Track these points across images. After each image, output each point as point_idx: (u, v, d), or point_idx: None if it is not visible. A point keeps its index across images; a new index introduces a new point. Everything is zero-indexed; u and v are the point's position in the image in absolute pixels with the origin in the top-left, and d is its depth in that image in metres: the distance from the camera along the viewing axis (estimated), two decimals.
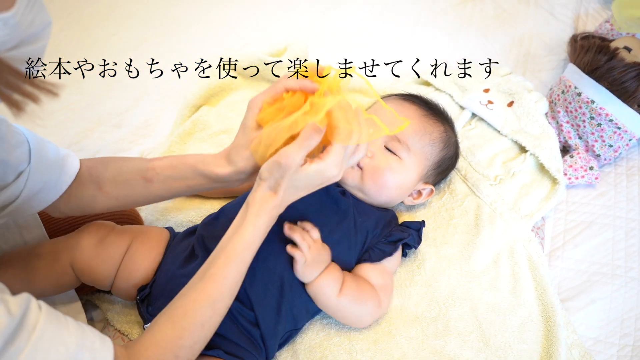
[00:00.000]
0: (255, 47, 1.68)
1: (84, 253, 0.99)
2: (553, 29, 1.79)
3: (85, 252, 0.99)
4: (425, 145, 1.14)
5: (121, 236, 1.03)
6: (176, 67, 1.64)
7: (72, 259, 0.99)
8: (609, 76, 1.33)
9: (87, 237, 1.00)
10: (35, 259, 0.99)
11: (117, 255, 1.01)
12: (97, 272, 1.01)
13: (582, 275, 1.22)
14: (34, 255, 0.99)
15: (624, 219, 1.31)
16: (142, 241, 1.04)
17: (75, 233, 1.02)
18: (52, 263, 0.99)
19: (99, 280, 1.02)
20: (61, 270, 1.00)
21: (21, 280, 0.98)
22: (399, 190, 1.14)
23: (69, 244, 1.00)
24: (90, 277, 1.02)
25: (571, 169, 1.34)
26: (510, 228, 1.21)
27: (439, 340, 1.06)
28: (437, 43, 1.76)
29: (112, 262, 1.01)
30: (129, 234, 1.04)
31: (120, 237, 1.02)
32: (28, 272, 0.98)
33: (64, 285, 1.03)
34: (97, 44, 1.72)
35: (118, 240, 1.02)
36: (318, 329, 1.07)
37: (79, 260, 0.99)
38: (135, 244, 1.03)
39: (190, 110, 1.50)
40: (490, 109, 1.39)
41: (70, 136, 1.46)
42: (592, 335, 1.13)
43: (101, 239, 1.01)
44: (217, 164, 0.93)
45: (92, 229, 1.02)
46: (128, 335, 1.10)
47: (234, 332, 0.95)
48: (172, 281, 0.98)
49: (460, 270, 1.15)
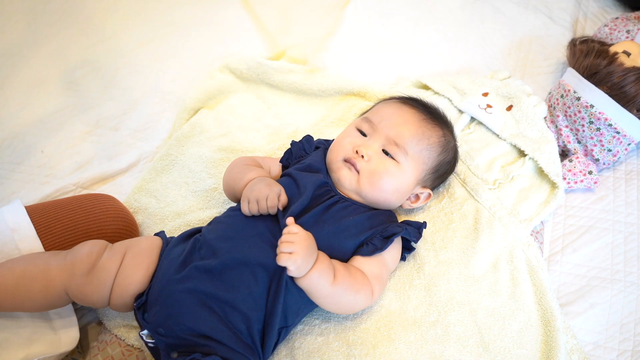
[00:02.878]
0: (255, 50, 1.68)
1: (76, 281, 0.98)
2: (552, 33, 1.79)
3: (78, 280, 0.98)
4: (422, 149, 1.14)
5: (112, 258, 1.01)
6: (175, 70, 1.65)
7: (66, 287, 0.99)
8: (608, 80, 1.33)
9: (78, 265, 0.99)
10: (29, 281, 0.97)
11: (109, 278, 0.99)
12: (91, 297, 1.00)
13: (581, 279, 1.22)
14: (27, 277, 0.97)
15: (622, 223, 1.30)
16: (133, 255, 1.02)
17: (69, 258, 1.00)
18: (46, 288, 0.98)
19: (94, 303, 1.02)
20: (56, 294, 0.99)
21: (12, 299, 0.97)
22: (396, 194, 1.13)
23: (63, 268, 0.99)
24: (85, 302, 1.02)
25: (570, 173, 1.34)
26: (509, 232, 1.21)
27: (438, 345, 1.05)
28: (437, 47, 1.76)
29: (105, 286, 0.99)
30: (119, 252, 1.02)
31: (110, 260, 1.01)
32: (21, 293, 0.97)
33: (58, 305, 1.03)
34: (95, 46, 1.71)
35: (109, 263, 1.00)
36: (317, 334, 1.07)
37: (73, 289, 0.99)
38: (127, 260, 1.01)
39: (188, 113, 1.50)
40: (489, 113, 1.39)
41: (67, 139, 1.45)
42: (591, 340, 1.13)
43: (93, 265, 0.99)
44: None
45: (84, 254, 1.00)
46: (125, 340, 1.10)
47: (230, 338, 0.95)
48: (167, 287, 0.97)
49: (459, 274, 1.14)
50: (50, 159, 1.41)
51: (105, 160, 1.42)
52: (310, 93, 1.52)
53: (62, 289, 0.99)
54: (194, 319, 0.95)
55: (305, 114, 1.50)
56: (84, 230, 1.09)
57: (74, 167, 1.40)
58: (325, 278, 0.96)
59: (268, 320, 0.97)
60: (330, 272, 0.97)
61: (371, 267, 1.04)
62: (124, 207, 1.21)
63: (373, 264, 1.05)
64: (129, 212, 1.21)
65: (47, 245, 1.06)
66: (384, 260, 1.07)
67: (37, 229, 1.06)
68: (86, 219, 1.10)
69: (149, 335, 0.98)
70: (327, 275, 0.96)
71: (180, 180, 1.33)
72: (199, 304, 0.95)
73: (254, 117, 1.48)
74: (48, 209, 1.10)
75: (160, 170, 1.36)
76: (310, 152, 1.22)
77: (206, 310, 0.95)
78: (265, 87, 1.54)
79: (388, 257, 1.08)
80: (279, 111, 1.49)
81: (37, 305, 1.00)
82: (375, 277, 1.04)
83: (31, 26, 1.77)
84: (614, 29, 1.61)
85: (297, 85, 1.52)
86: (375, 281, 1.03)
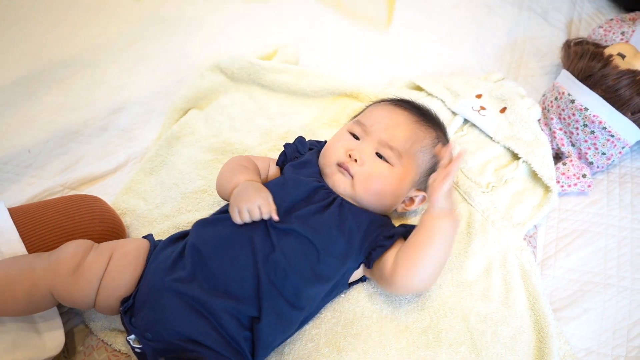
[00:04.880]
0: (246, 49, 1.66)
1: (62, 281, 0.96)
2: (546, 34, 1.78)
3: (63, 280, 0.96)
4: (416, 151, 1.13)
5: (98, 257, 0.99)
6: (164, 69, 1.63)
7: (51, 287, 0.97)
8: (602, 83, 1.32)
9: (64, 265, 0.97)
10: (13, 284, 0.95)
11: (96, 278, 0.98)
12: (77, 297, 0.98)
13: (574, 284, 1.21)
14: (10, 281, 0.95)
15: (616, 227, 1.30)
16: (120, 256, 1.01)
17: (54, 258, 0.98)
18: (30, 289, 0.96)
19: (80, 304, 1.00)
20: (41, 297, 0.97)
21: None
22: (391, 197, 1.12)
23: (48, 269, 0.97)
24: (71, 303, 1.00)
25: (564, 177, 1.33)
26: (502, 236, 1.20)
27: (429, 351, 1.04)
28: (430, 48, 1.75)
29: (91, 286, 0.98)
30: (106, 252, 1.01)
31: (97, 259, 0.99)
32: (5, 297, 0.95)
33: (43, 308, 1.01)
34: (84, 44, 1.69)
35: (95, 263, 0.98)
36: (307, 339, 1.05)
37: (58, 289, 0.97)
38: (113, 261, 1.00)
39: (178, 113, 1.48)
40: (482, 115, 1.38)
41: (55, 139, 1.43)
42: (584, 346, 1.12)
43: (78, 265, 0.97)
44: None
45: (69, 254, 0.98)
46: (112, 345, 1.08)
47: (219, 343, 0.93)
48: (155, 291, 0.96)
49: (451, 279, 1.13)
50: (37, 159, 1.39)
51: (93, 161, 1.39)
52: (303, 94, 1.51)
53: (47, 291, 0.97)
54: (183, 324, 0.93)
55: (297, 114, 1.48)
56: (68, 233, 1.06)
57: (61, 168, 1.38)
58: (456, 231, 1.02)
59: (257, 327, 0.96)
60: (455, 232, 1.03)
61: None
62: (111, 208, 1.19)
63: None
64: (115, 214, 1.19)
65: (31, 248, 1.03)
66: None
67: (20, 232, 1.03)
68: (71, 221, 1.08)
69: (136, 340, 0.96)
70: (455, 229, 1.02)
71: (170, 181, 1.31)
72: (188, 309, 0.94)
73: (245, 118, 1.46)
74: (32, 211, 1.08)
75: (149, 171, 1.34)
76: (304, 153, 1.20)
77: (195, 315, 0.93)
78: (257, 87, 1.52)
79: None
80: (271, 112, 1.47)
81: (21, 309, 0.98)
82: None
83: (19, 24, 1.75)
84: (608, 30, 1.61)
85: (289, 85, 1.50)
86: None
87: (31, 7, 1.80)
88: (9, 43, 1.69)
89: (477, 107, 1.39)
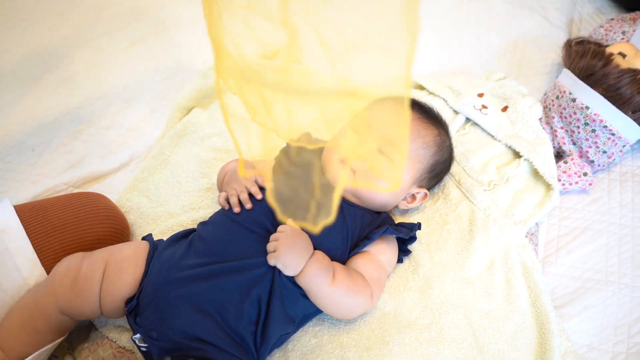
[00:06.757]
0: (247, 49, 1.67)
1: (64, 298, 0.97)
2: (547, 34, 1.79)
3: (65, 298, 0.97)
4: (418, 148, 1.13)
5: (93, 265, 1.00)
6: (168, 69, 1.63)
7: (59, 309, 0.97)
8: (603, 82, 1.32)
9: (59, 283, 0.97)
10: (32, 322, 0.97)
11: (95, 285, 0.98)
12: (83, 308, 0.99)
13: (575, 281, 1.21)
14: (26, 321, 0.97)
15: (617, 225, 1.30)
16: (116, 261, 1.01)
17: (49, 281, 0.99)
18: (46, 318, 0.97)
19: (88, 314, 1.01)
20: (58, 320, 0.98)
21: (30, 347, 0.96)
22: (393, 194, 1.13)
23: (48, 294, 0.97)
24: (80, 315, 1.00)
25: (565, 175, 1.34)
26: (504, 234, 1.20)
27: (432, 347, 1.04)
28: (432, 47, 1.75)
29: (92, 294, 0.98)
30: (100, 259, 1.01)
31: (92, 267, 0.99)
32: (34, 335, 0.97)
33: (69, 328, 1.02)
34: (87, 44, 1.69)
35: (91, 272, 0.99)
36: (310, 336, 1.06)
37: (65, 308, 0.98)
38: (110, 265, 1.00)
39: (181, 112, 1.48)
40: (484, 114, 1.39)
41: (59, 138, 1.43)
42: (585, 343, 1.13)
43: (74, 278, 0.98)
44: None
45: (62, 272, 0.99)
46: (117, 342, 1.08)
47: (225, 340, 0.94)
48: (160, 290, 0.96)
49: (454, 276, 1.14)
50: (41, 157, 1.39)
51: (97, 159, 1.40)
52: (305, 93, 1.51)
53: (57, 313, 0.98)
54: (188, 322, 0.94)
55: (299, 113, 1.48)
56: (73, 230, 1.07)
57: (66, 166, 1.38)
58: (322, 276, 0.96)
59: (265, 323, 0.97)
60: (328, 272, 0.97)
61: (370, 271, 1.04)
62: (115, 206, 1.20)
63: (372, 268, 1.04)
64: (120, 211, 1.19)
65: (36, 245, 1.04)
66: (381, 263, 1.07)
67: (27, 229, 1.04)
68: (76, 218, 1.09)
69: (141, 339, 0.97)
70: (324, 273, 0.96)
71: (173, 179, 1.32)
72: (193, 307, 0.94)
73: (247, 117, 1.46)
74: (37, 208, 1.09)
75: (152, 169, 1.35)
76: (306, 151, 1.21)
77: (200, 313, 0.94)
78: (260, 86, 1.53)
79: (385, 259, 1.08)
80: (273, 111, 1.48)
81: (50, 337, 0.99)
82: (374, 280, 1.04)
83: (22, 23, 1.75)
84: (609, 30, 1.61)
85: (292, 84, 1.50)
86: (374, 285, 1.03)
87: (34, 7, 1.80)
88: (12, 42, 1.70)
89: (479, 106, 1.40)
